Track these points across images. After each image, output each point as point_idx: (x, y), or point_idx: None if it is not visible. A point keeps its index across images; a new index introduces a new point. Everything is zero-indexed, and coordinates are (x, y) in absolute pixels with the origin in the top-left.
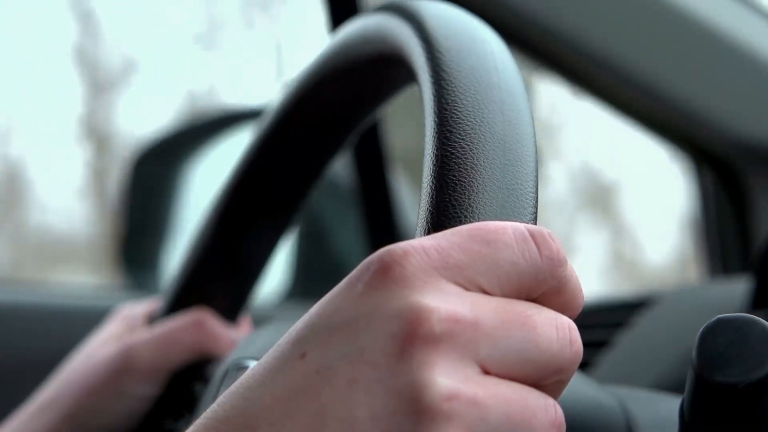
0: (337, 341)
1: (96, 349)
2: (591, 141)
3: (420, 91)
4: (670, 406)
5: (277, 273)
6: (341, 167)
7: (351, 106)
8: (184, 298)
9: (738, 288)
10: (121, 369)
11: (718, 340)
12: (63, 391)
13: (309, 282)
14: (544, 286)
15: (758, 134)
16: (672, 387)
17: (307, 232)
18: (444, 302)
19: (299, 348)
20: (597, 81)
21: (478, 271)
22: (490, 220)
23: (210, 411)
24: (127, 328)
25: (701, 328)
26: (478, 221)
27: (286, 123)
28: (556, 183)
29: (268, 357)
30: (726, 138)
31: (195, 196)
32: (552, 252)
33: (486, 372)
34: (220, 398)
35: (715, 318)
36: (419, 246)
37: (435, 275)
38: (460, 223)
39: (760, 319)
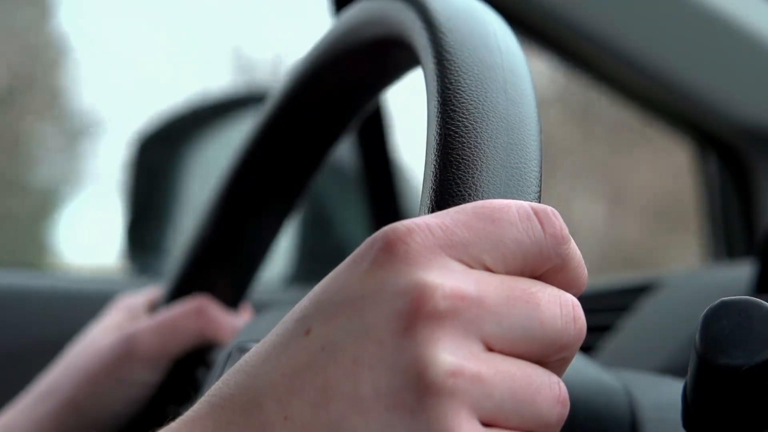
0: (342, 318)
1: (97, 338)
2: None
3: (423, 73)
4: (673, 389)
5: (280, 258)
6: (345, 151)
7: (354, 90)
8: (186, 285)
9: (742, 272)
10: (123, 356)
11: (722, 323)
12: (65, 377)
13: (312, 267)
14: (548, 264)
15: (763, 119)
16: (676, 371)
17: (310, 217)
18: (448, 279)
19: (304, 325)
20: (601, 66)
21: (482, 248)
22: (494, 198)
23: (215, 388)
24: (128, 317)
25: (705, 311)
26: (482, 199)
27: (289, 107)
28: None
29: (272, 334)
30: (731, 123)
31: (199, 179)
32: (555, 230)
33: (490, 349)
34: (225, 376)
35: (719, 301)
36: (423, 224)
37: (439, 253)
38: (464, 201)
39: (764, 302)
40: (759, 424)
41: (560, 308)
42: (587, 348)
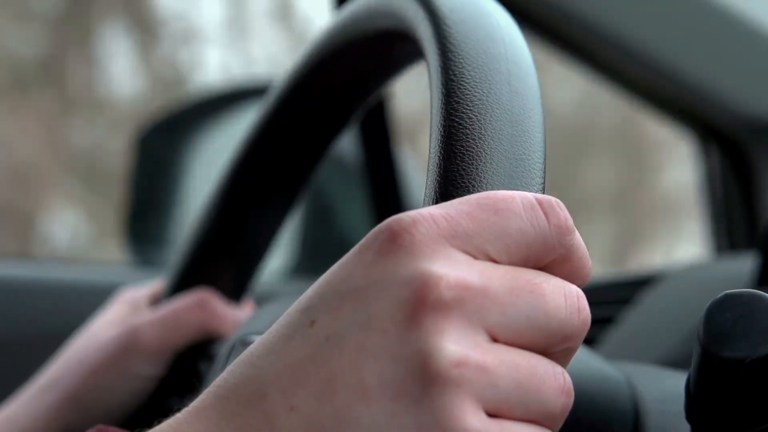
0: (346, 309)
1: (100, 331)
2: None
3: (427, 65)
4: (676, 381)
5: (282, 251)
6: (347, 144)
7: (357, 83)
8: (188, 278)
9: (744, 264)
10: (126, 349)
11: (725, 316)
12: (67, 370)
13: (315, 259)
14: (552, 255)
15: (765, 112)
16: (678, 363)
17: (312, 210)
18: (453, 270)
19: (308, 316)
20: (605, 59)
21: (486, 239)
22: (498, 189)
23: (220, 380)
24: (130, 310)
25: (708, 304)
26: (486, 190)
27: (291, 100)
28: None
29: (277, 326)
30: (733, 116)
31: (201, 172)
32: (560, 220)
33: (495, 339)
34: (229, 367)
35: (722, 294)
36: (428, 214)
37: (444, 243)
38: (468, 192)
39: (767, 294)
40: (762, 417)
41: (564, 299)
42: (590, 340)
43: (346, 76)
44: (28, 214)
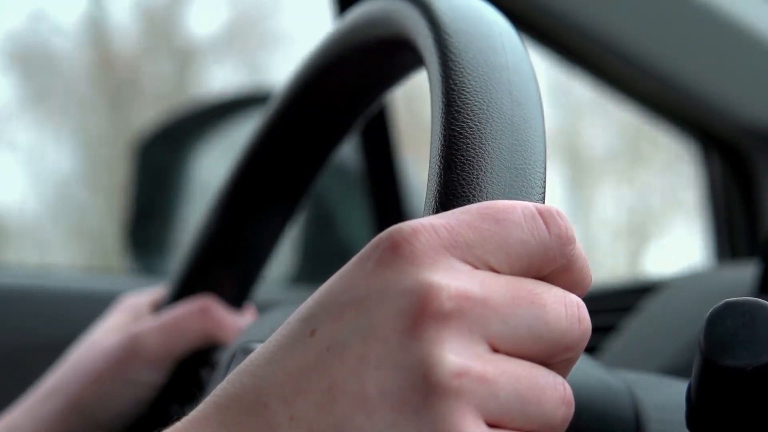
0: (347, 318)
1: (101, 338)
2: None
3: (427, 74)
4: (677, 389)
5: (283, 258)
6: (349, 152)
7: (358, 91)
8: (190, 285)
9: (746, 272)
10: (127, 357)
11: (726, 324)
12: (69, 377)
13: (316, 267)
14: (553, 265)
15: (766, 119)
16: (679, 372)
17: (314, 217)
18: (454, 280)
19: (309, 325)
20: (606, 66)
21: (487, 249)
22: (499, 199)
23: (220, 389)
24: (131, 317)
25: (709, 312)
26: (487, 200)
27: (292, 108)
28: None
29: (277, 335)
30: (734, 123)
31: (202, 179)
32: (561, 230)
33: (495, 350)
34: (230, 376)
35: (723, 302)
36: (428, 224)
37: (444, 253)
38: (469, 202)
39: None
40: (763, 425)
41: (565, 309)
42: (591, 348)
43: (347, 84)
44: None
